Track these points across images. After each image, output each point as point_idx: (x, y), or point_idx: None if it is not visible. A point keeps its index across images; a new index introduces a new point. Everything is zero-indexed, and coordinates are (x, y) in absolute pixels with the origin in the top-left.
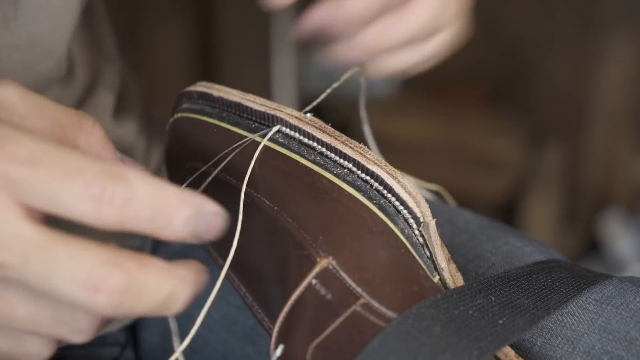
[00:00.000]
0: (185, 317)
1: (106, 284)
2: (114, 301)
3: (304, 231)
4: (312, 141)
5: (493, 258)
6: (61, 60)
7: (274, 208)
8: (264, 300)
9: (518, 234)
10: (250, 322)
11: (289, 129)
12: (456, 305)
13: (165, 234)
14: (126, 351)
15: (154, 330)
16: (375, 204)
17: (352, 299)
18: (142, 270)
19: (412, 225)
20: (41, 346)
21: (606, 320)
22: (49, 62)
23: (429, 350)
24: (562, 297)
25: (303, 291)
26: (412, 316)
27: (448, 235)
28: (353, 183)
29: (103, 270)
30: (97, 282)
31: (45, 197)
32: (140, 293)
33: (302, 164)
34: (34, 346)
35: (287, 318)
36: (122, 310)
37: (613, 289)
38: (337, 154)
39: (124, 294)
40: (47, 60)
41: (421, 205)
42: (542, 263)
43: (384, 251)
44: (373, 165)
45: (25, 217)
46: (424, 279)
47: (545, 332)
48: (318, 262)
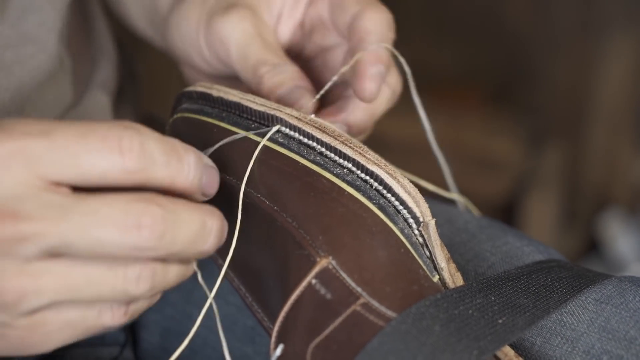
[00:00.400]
0: (185, 317)
1: (145, 218)
2: (157, 231)
3: (304, 231)
4: (312, 141)
5: (492, 258)
6: (53, 53)
7: (273, 208)
8: (263, 300)
9: (517, 234)
10: (250, 321)
11: (289, 128)
12: (456, 304)
13: (179, 179)
14: (125, 351)
15: (154, 330)
16: (375, 203)
17: (352, 299)
18: (172, 202)
19: (412, 225)
20: (112, 312)
21: (606, 320)
22: (42, 55)
23: (429, 349)
24: (561, 296)
25: (303, 291)
26: (411, 316)
27: (447, 235)
28: (353, 183)
29: (138, 206)
30: (137, 218)
31: (66, 163)
32: (177, 221)
33: (302, 164)
34: (106, 314)
35: (286, 318)
36: (165, 242)
37: (612, 289)
38: (336, 154)
39: (164, 223)
40: (40, 54)
41: (421, 205)
42: (542, 263)
43: (383, 251)
44: (373, 165)
45: (50, 188)
46: (424, 279)
47: (545, 332)
48: (318, 261)
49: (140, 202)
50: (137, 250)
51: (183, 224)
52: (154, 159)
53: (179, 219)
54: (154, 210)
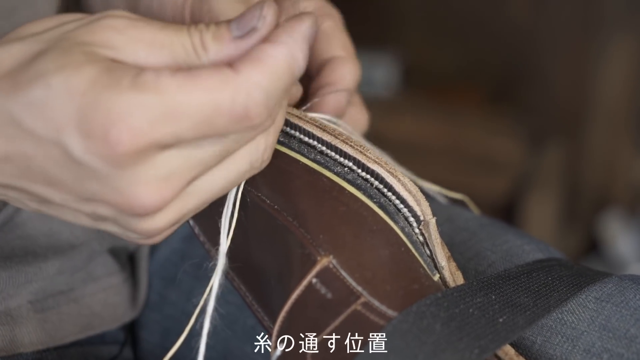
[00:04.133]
0: (185, 316)
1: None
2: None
3: (305, 230)
4: (313, 140)
5: (493, 256)
6: None
7: (274, 207)
8: (264, 299)
9: (518, 232)
10: (250, 321)
11: (289, 127)
12: (456, 303)
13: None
14: (125, 350)
15: (154, 330)
16: (375, 202)
17: (353, 298)
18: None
19: (413, 223)
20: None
21: (606, 318)
22: None
23: (430, 348)
24: (562, 295)
25: (303, 290)
26: (412, 315)
27: (448, 234)
28: (353, 181)
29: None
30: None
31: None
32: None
33: (303, 163)
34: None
35: (287, 317)
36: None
37: (613, 287)
38: (337, 153)
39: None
40: None
41: (421, 203)
42: (542, 261)
43: (384, 250)
44: (373, 163)
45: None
46: (424, 278)
47: (545, 330)
48: (318, 260)
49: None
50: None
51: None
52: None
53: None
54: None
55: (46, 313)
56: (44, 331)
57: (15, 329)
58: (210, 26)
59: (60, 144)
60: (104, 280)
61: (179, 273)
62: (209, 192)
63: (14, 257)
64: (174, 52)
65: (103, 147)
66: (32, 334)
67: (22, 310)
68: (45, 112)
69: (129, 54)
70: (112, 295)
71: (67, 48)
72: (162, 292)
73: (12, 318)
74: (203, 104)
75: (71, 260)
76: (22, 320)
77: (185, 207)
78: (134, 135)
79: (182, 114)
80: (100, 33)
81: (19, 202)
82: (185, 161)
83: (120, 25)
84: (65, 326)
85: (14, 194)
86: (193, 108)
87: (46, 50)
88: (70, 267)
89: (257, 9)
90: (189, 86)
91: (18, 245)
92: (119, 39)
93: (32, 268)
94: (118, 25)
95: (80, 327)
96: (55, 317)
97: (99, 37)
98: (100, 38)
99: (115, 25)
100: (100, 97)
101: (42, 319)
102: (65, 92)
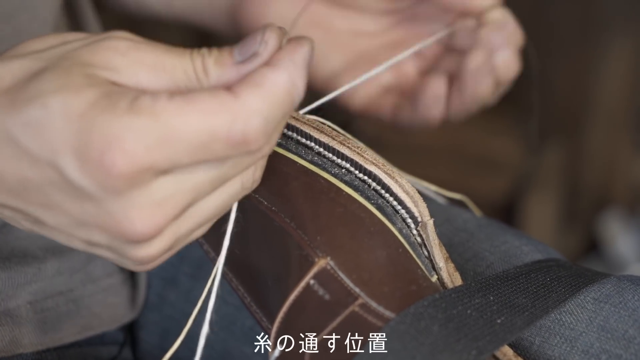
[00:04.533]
0: (184, 317)
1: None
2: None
3: (302, 231)
4: (310, 141)
5: (491, 257)
6: None
7: (271, 208)
8: (262, 300)
9: (516, 233)
10: (249, 322)
11: (287, 128)
12: (454, 304)
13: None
14: (124, 351)
15: (153, 331)
16: (373, 203)
17: (350, 299)
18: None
19: (410, 224)
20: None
21: (604, 319)
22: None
23: (428, 350)
24: (560, 296)
25: (301, 291)
26: (410, 316)
27: (446, 235)
28: (351, 183)
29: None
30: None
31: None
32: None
33: (300, 164)
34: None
35: (285, 318)
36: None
37: (611, 288)
38: (334, 154)
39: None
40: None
41: (419, 204)
42: (541, 262)
43: (382, 251)
44: (371, 165)
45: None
46: (422, 279)
47: (544, 331)
48: (316, 262)
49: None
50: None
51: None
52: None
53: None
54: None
55: (45, 314)
56: (44, 332)
57: (14, 330)
58: (213, 51)
59: (56, 166)
60: (103, 281)
61: (178, 274)
62: (202, 217)
63: (13, 258)
64: (176, 76)
65: (98, 170)
66: (31, 335)
67: (22, 310)
68: (42, 133)
69: (129, 77)
70: (111, 295)
71: (67, 68)
72: (161, 292)
73: (11, 319)
74: (200, 129)
75: (70, 261)
76: (22, 320)
77: (179, 232)
78: (129, 159)
79: (178, 138)
80: (101, 54)
81: (13, 221)
82: (181, 187)
83: (122, 47)
84: (64, 327)
85: (8, 213)
86: (189, 133)
87: (46, 69)
88: (69, 268)
89: (259, 33)
90: (185, 110)
91: (17, 246)
92: (121, 61)
93: (31, 269)
94: (120, 47)
95: (80, 328)
96: (54, 318)
97: (100, 58)
98: (101, 59)
99: (117, 46)
100: (96, 120)
101: (42, 319)
102: (62, 114)
